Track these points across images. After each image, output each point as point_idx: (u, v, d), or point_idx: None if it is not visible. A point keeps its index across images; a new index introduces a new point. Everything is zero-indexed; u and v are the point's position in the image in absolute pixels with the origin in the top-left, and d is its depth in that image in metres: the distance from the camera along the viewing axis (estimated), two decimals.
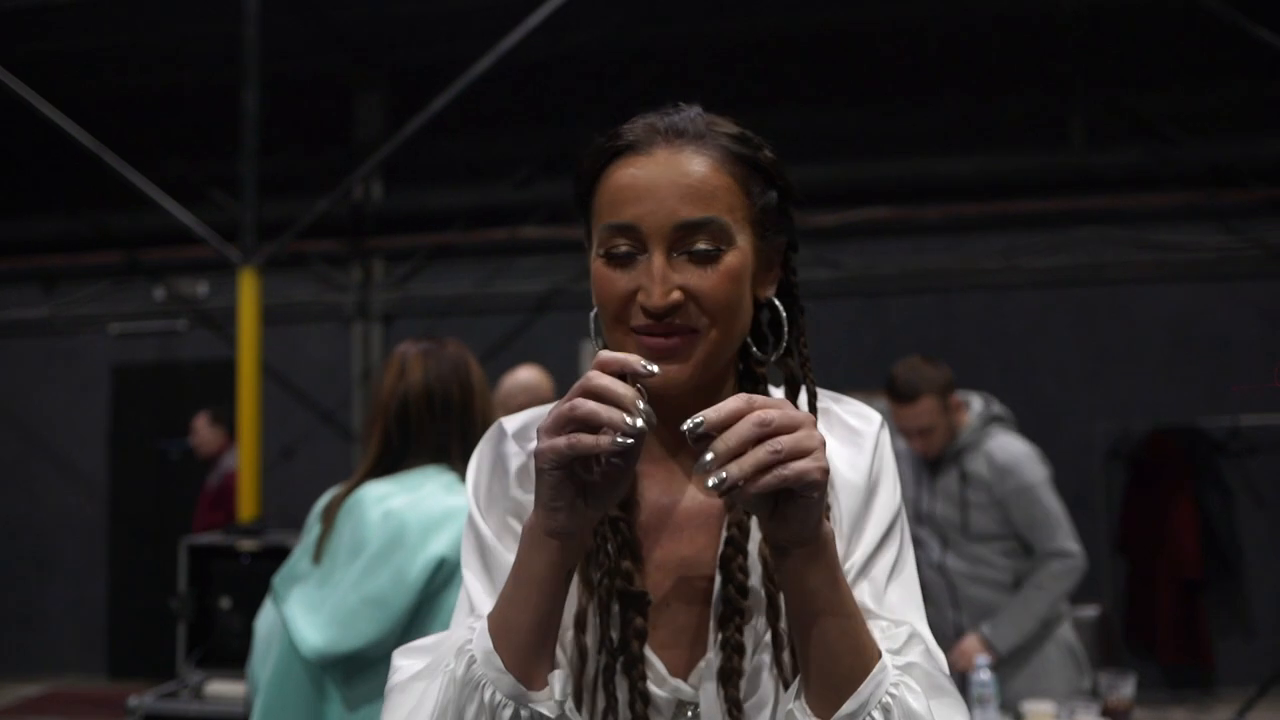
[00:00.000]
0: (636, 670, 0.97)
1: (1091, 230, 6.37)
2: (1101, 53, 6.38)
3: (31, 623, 7.37)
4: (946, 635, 3.20)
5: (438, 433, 1.93)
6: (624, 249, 0.96)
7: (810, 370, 1.05)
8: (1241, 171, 6.19)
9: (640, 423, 0.83)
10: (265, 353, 6.28)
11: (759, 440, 0.82)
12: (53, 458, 7.47)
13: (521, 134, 6.86)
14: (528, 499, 1.02)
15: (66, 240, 7.57)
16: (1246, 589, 6.08)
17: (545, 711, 0.90)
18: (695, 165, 0.96)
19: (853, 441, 1.05)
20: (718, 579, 0.98)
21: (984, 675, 2.99)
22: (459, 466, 1.88)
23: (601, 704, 0.97)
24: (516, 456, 1.06)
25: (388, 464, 1.93)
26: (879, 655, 0.92)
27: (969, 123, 6.50)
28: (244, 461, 6.03)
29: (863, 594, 0.98)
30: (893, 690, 0.90)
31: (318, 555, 1.92)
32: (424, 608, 1.81)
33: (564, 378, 1.01)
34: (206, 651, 4.14)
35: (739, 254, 0.97)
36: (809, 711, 0.91)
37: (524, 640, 0.91)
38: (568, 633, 1.00)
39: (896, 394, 3.10)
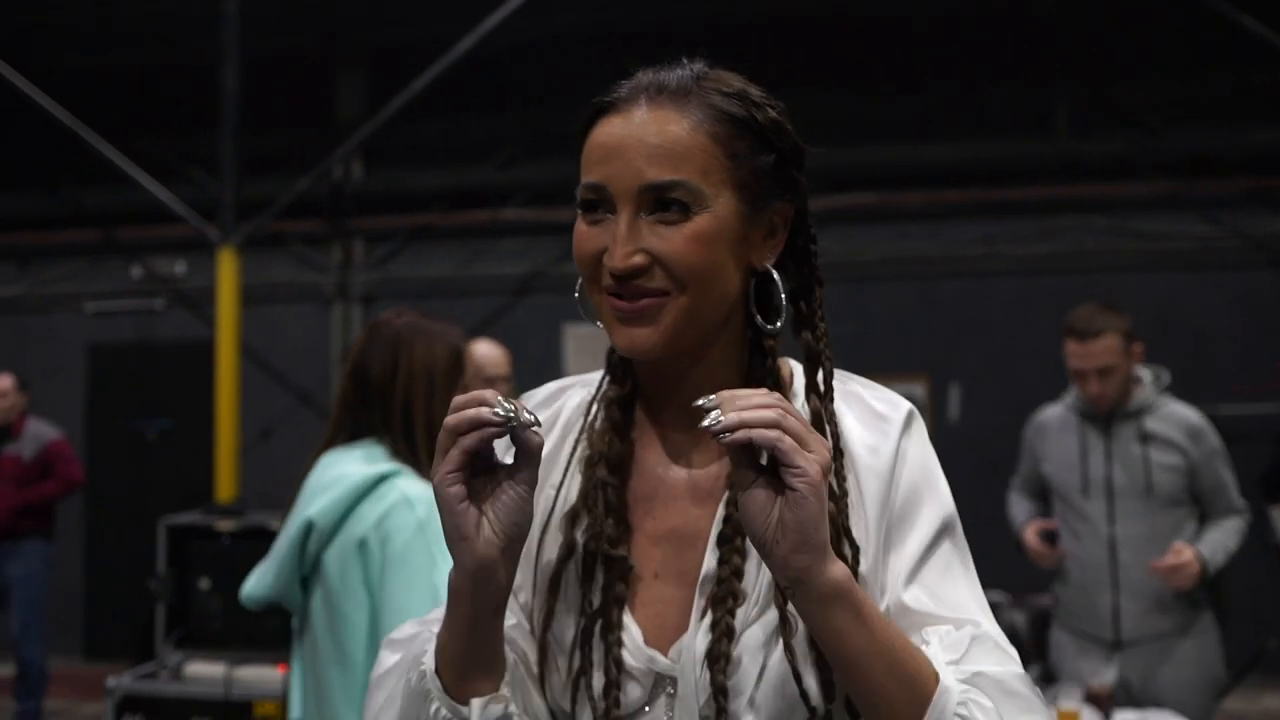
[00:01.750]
0: (613, 635, 0.96)
1: (1073, 218, 6.40)
2: (1085, 41, 6.40)
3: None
4: (1103, 619, 3.12)
5: (383, 407, 1.98)
6: (596, 208, 0.95)
7: (827, 345, 1.01)
8: (1223, 161, 6.22)
9: (510, 409, 0.85)
10: (244, 333, 6.24)
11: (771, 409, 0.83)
12: None
13: (503, 115, 6.81)
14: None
15: (42, 217, 7.50)
16: (1221, 576, 6.14)
17: None
18: (670, 125, 0.93)
19: (876, 427, 1.01)
20: (711, 558, 0.96)
21: None
22: (398, 440, 1.96)
23: (576, 665, 0.97)
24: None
25: (350, 431, 2.02)
26: (935, 679, 0.89)
27: (953, 110, 6.51)
28: (222, 442, 6.00)
29: (919, 598, 0.95)
30: (960, 711, 0.87)
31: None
32: (314, 567, 1.95)
33: (546, 360, 1.01)
34: (186, 632, 4.12)
35: (712, 217, 0.93)
36: None
37: (461, 664, 0.92)
38: (538, 595, 1.01)
39: (1077, 331, 3.06)
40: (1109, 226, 6.35)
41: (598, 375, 1.07)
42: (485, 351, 3.65)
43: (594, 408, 1.05)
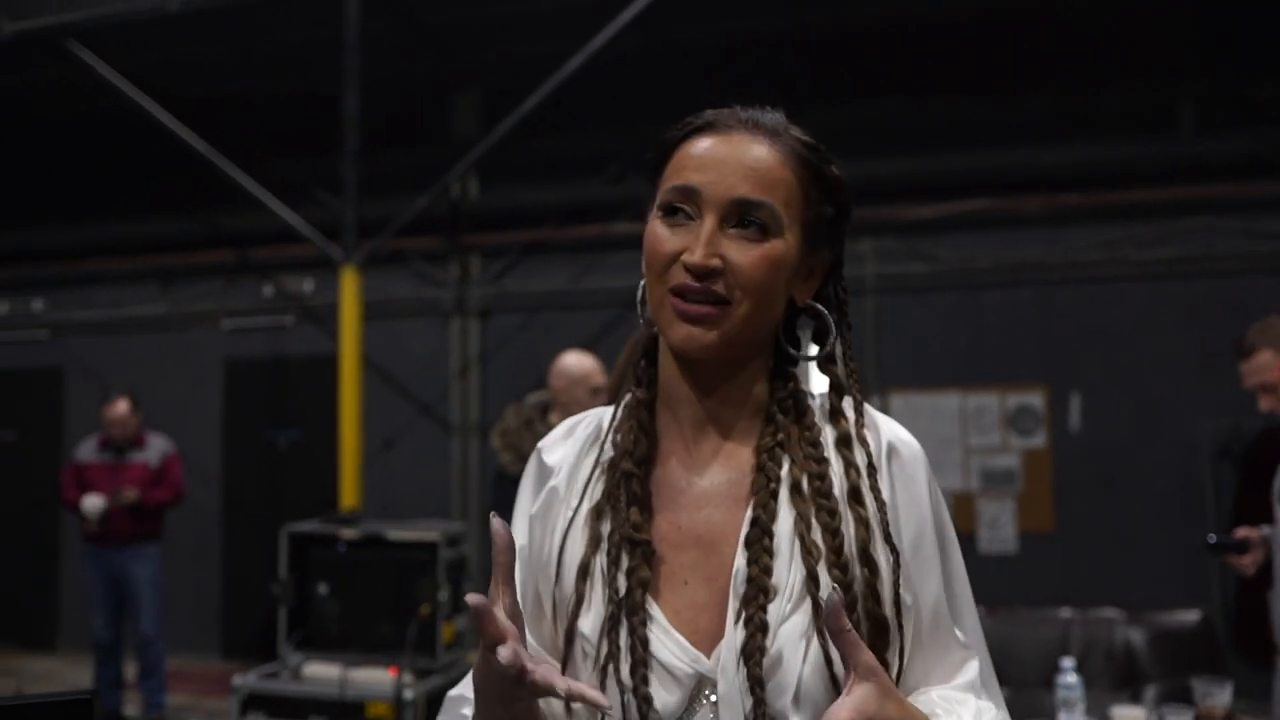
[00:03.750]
0: (637, 617, 0.99)
1: (1201, 220, 6.12)
2: (1211, 34, 6.12)
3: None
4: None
5: None
6: (681, 209, 1.02)
7: (857, 377, 1.09)
8: None
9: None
10: (367, 347, 6.47)
11: None
12: None
13: (613, 131, 6.91)
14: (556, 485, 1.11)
15: (182, 240, 7.93)
16: None
17: None
18: (765, 153, 1.03)
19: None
20: (741, 558, 1.00)
21: (1070, 678, 2.92)
22: None
23: (605, 652, 1.00)
24: (549, 466, 1.14)
25: None
26: None
27: (1070, 111, 6.32)
28: (346, 452, 6.23)
29: (946, 632, 1.05)
30: None
31: None
32: None
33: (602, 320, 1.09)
34: (305, 635, 4.30)
35: (784, 245, 1.02)
36: None
37: None
38: (568, 584, 1.05)
39: (1237, 349, 3.13)
40: (1239, 228, 6.05)
41: (608, 410, 1.15)
42: (584, 363, 3.69)
43: (618, 413, 1.11)
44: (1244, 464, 5.91)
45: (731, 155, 1.02)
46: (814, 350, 1.09)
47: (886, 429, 1.08)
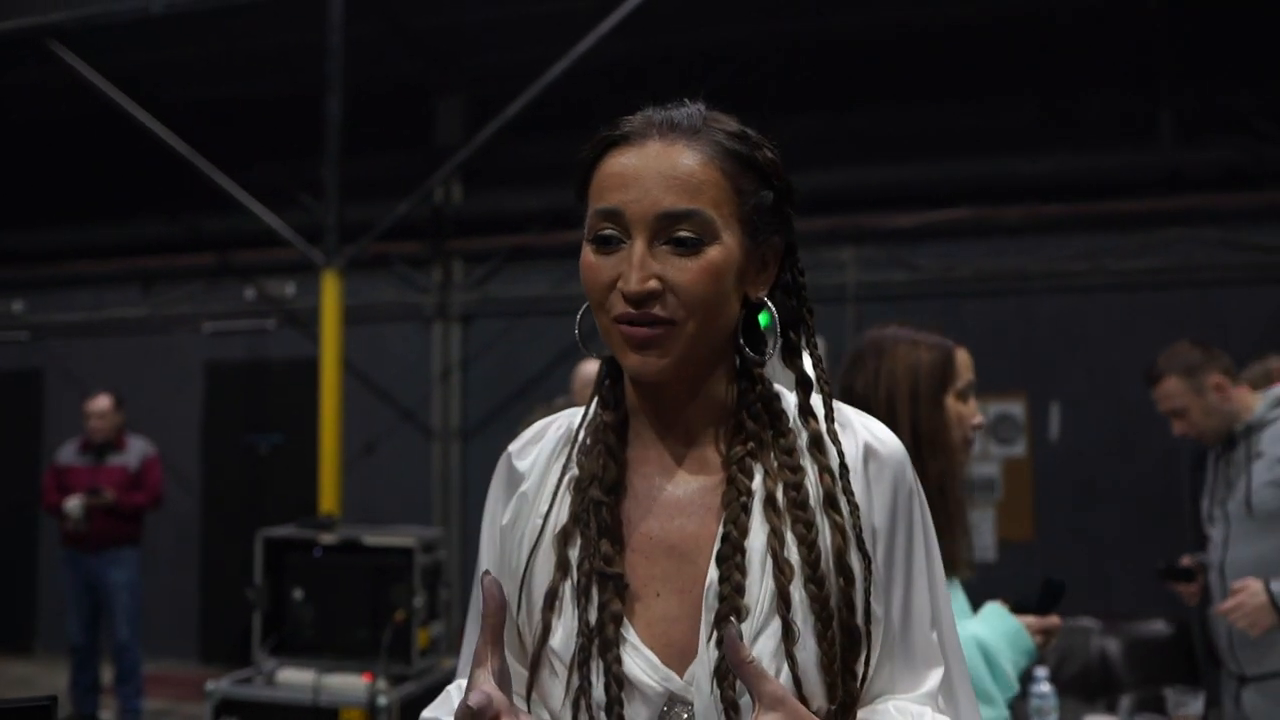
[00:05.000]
0: (611, 654, 0.97)
1: (1181, 231, 6.15)
2: (1190, 45, 6.16)
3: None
4: (1225, 650, 2.99)
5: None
6: (610, 234, 0.97)
7: (824, 371, 1.05)
8: None
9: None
10: (348, 351, 6.45)
11: None
12: None
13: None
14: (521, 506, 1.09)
15: (163, 242, 7.90)
16: None
17: None
18: (684, 158, 0.97)
19: (849, 439, 1.05)
20: (713, 573, 0.98)
21: (1044, 687, 2.93)
22: None
23: (576, 684, 0.98)
24: (520, 471, 1.11)
25: None
26: None
27: (1050, 120, 6.35)
28: (325, 457, 6.21)
29: (916, 640, 1.04)
30: None
31: None
32: None
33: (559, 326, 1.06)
34: (280, 640, 4.28)
35: (722, 249, 0.97)
36: None
37: None
38: (535, 612, 1.03)
39: (1147, 376, 3.15)
40: (1219, 239, 6.09)
41: (581, 410, 1.11)
42: (590, 371, 3.75)
43: (581, 433, 1.08)
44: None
45: (649, 167, 0.96)
46: (774, 346, 1.04)
47: (863, 429, 1.05)
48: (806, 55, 6.65)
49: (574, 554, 1.02)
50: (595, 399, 1.09)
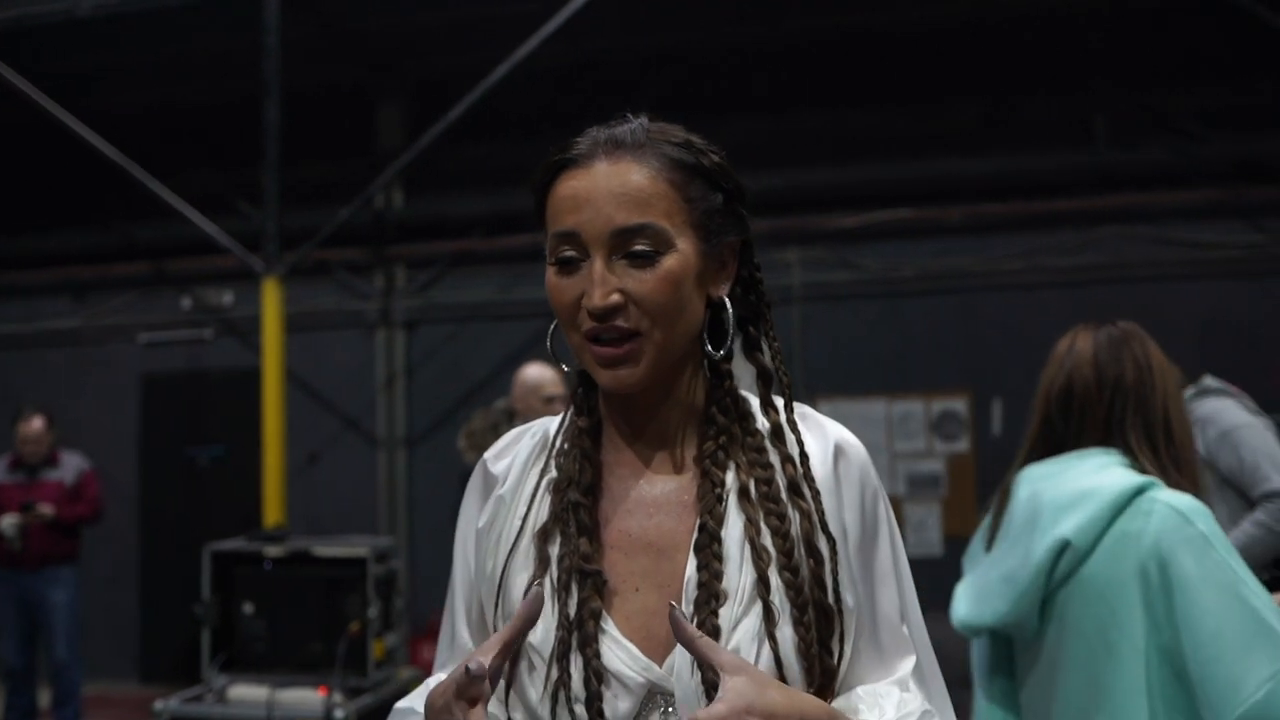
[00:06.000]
0: (591, 649, 0.99)
1: (1116, 229, 6.31)
2: (1124, 49, 6.32)
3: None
4: None
5: (1106, 413, 1.79)
6: (569, 256, 1.01)
7: (782, 363, 1.09)
8: (1268, 167, 6.10)
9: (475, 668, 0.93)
10: (290, 360, 6.34)
11: None
12: None
13: (541, 140, 6.84)
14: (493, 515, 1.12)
15: (96, 252, 7.69)
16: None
17: None
18: (632, 175, 1.01)
19: (820, 439, 1.10)
20: (691, 563, 1.01)
21: None
22: (1133, 449, 1.76)
23: (555, 676, 1.00)
24: (495, 475, 1.15)
25: (1051, 444, 1.84)
26: None
27: (990, 123, 6.46)
28: (269, 468, 6.10)
29: (887, 632, 1.07)
30: None
31: (990, 538, 1.90)
32: (1054, 592, 1.72)
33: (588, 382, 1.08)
34: (230, 656, 4.18)
35: (678, 257, 1.01)
36: None
37: None
38: (513, 609, 1.04)
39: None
40: (1152, 236, 6.25)
41: (555, 419, 1.15)
42: (540, 374, 3.73)
43: (558, 439, 1.12)
44: None
45: (598, 187, 1.00)
46: (731, 340, 1.07)
47: (833, 430, 1.10)
48: (749, 59, 6.70)
49: (554, 551, 1.04)
50: (570, 406, 1.12)
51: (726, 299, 1.07)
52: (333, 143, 7.28)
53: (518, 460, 1.13)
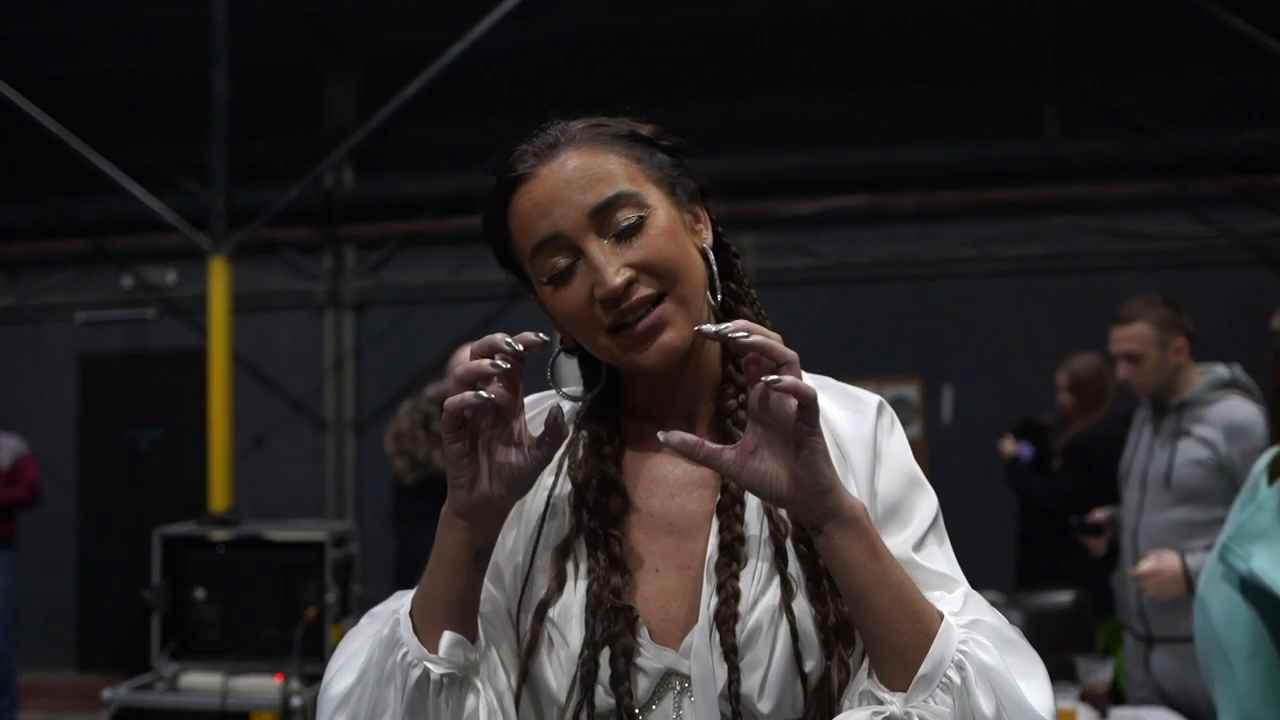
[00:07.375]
0: (623, 687, 0.97)
1: (1064, 219, 6.41)
2: (1074, 42, 6.42)
3: None
4: (1133, 613, 3.13)
5: None
6: (562, 264, 0.99)
7: (765, 315, 1.08)
8: (1213, 161, 6.24)
9: (519, 346, 0.91)
10: (236, 341, 6.21)
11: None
12: None
13: (495, 121, 6.79)
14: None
15: (32, 228, 7.44)
16: None
17: (438, 669, 0.94)
18: (579, 161, 1.00)
19: (853, 407, 1.07)
20: (714, 525, 1.00)
21: None
22: None
23: (577, 699, 0.98)
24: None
25: None
26: (940, 616, 0.94)
27: (943, 112, 6.52)
28: (215, 451, 5.97)
29: (914, 574, 0.99)
30: (963, 647, 0.92)
31: None
32: None
33: (539, 365, 1.04)
34: (181, 643, 4.10)
35: (660, 211, 1.00)
36: (884, 687, 0.93)
37: (437, 611, 0.96)
38: (527, 622, 1.02)
39: (1117, 317, 3.22)
40: (1100, 227, 6.36)
41: (563, 402, 1.11)
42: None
43: (579, 451, 1.08)
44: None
45: (555, 185, 0.99)
46: (715, 292, 1.06)
47: (871, 395, 1.09)
48: (703, 43, 6.68)
49: (578, 570, 1.02)
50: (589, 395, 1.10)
51: (709, 251, 1.05)
52: (281, 119, 7.12)
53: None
